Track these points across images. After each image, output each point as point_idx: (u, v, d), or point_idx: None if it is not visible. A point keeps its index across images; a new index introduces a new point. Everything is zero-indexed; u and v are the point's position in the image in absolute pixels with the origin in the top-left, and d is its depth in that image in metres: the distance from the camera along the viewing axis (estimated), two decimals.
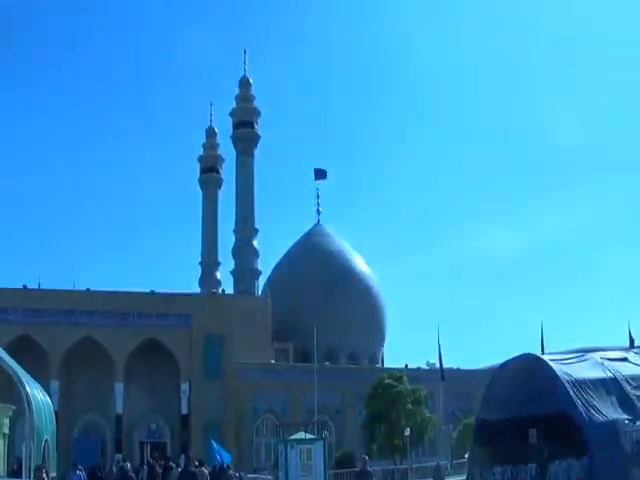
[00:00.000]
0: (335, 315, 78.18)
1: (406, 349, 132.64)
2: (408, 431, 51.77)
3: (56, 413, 29.16)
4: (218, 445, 44.35)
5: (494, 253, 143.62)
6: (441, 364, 60.36)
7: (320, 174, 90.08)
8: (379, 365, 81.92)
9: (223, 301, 68.42)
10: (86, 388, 60.04)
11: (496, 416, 28.11)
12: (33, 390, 22.98)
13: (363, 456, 18.24)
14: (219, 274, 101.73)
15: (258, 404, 62.90)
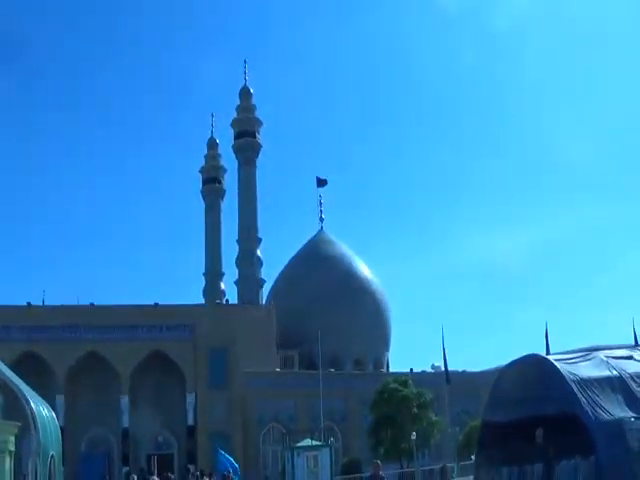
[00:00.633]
0: (339, 321, 78.13)
1: (411, 353, 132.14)
2: (414, 435, 51.73)
3: (62, 429, 29.22)
4: (227, 455, 44.37)
5: (497, 254, 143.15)
6: (446, 367, 60.22)
7: (322, 182, 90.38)
8: (384, 370, 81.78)
9: (227, 311, 68.47)
10: (92, 403, 59.99)
11: (502, 417, 28.08)
12: (38, 406, 22.98)
13: (375, 461, 18.09)
14: (223, 284, 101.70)
15: (264, 413, 62.83)
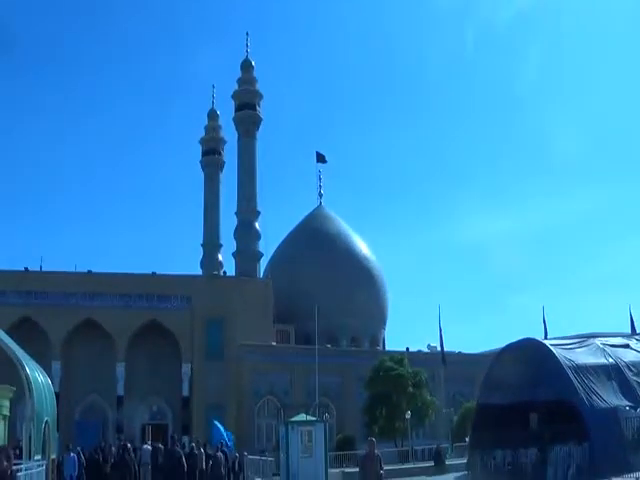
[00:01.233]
0: (336, 297, 78.17)
1: (407, 332, 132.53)
2: (409, 414, 51.95)
3: (57, 395, 29.21)
4: (221, 427, 44.49)
5: (495, 237, 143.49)
6: (442, 347, 60.45)
7: (322, 158, 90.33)
8: (380, 348, 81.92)
9: (225, 283, 68.34)
10: (87, 370, 60.04)
11: (497, 400, 28.16)
12: (33, 372, 22.93)
13: (370, 438, 17.86)
14: (221, 256, 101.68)
15: (259, 386, 62.92)
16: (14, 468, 16.65)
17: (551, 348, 25.05)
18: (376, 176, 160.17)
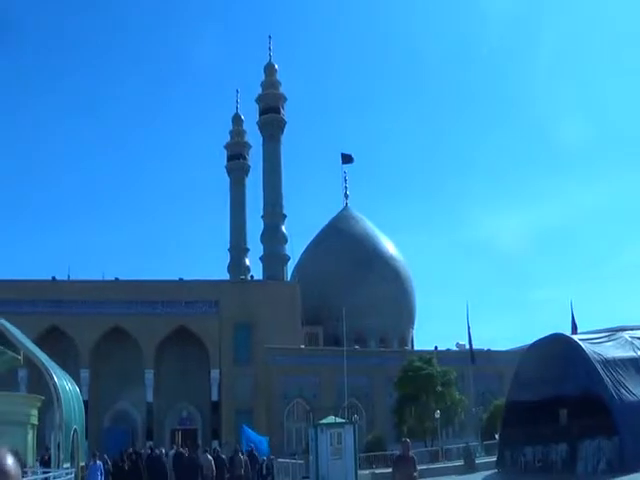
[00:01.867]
0: (364, 298, 78.01)
1: (436, 331, 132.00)
2: (438, 413, 51.74)
3: (86, 403, 29.39)
4: (251, 431, 44.55)
5: (522, 232, 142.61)
6: (471, 345, 60.16)
7: (347, 159, 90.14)
8: (409, 347, 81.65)
9: (252, 287, 68.46)
10: (116, 377, 60.20)
11: (526, 397, 27.97)
12: (62, 380, 23.05)
13: (404, 439, 17.42)
14: (248, 260, 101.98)
15: (288, 389, 62.92)
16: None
17: (579, 342, 24.87)
18: (401, 175, 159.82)
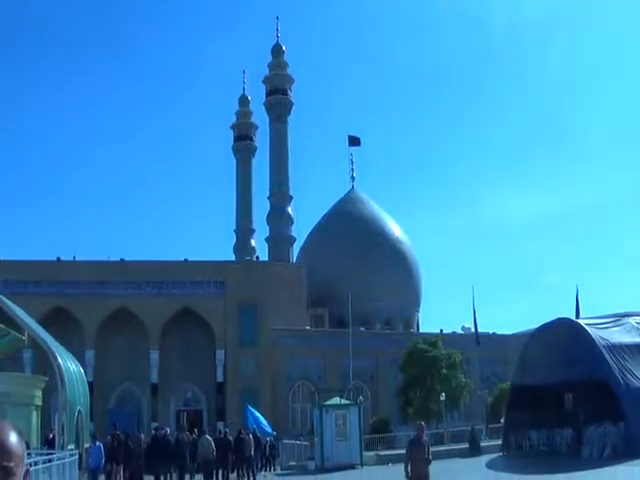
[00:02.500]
0: (370, 281, 78.00)
1: (441, 314, 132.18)
2: (443, 396, 51.75)
3: (91, 384, 29.37)
4: (255, 412, 44.51)
5: (529, 216, 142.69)
6: (476, 329, 60.13)
7: (354, 141, 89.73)
8: (414, 330, 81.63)
9: (258, 268, 68.26)
10: (121, 358, 60.18)
11: (532, 381, 27.86)
12: (66, 362, 23.02)
13: (420, 422, 17.20)
14: (254, 241, 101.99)
15: (293, 370, 62.97)
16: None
17: (585, 327, 24.73)
18: (408, 158, 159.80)
